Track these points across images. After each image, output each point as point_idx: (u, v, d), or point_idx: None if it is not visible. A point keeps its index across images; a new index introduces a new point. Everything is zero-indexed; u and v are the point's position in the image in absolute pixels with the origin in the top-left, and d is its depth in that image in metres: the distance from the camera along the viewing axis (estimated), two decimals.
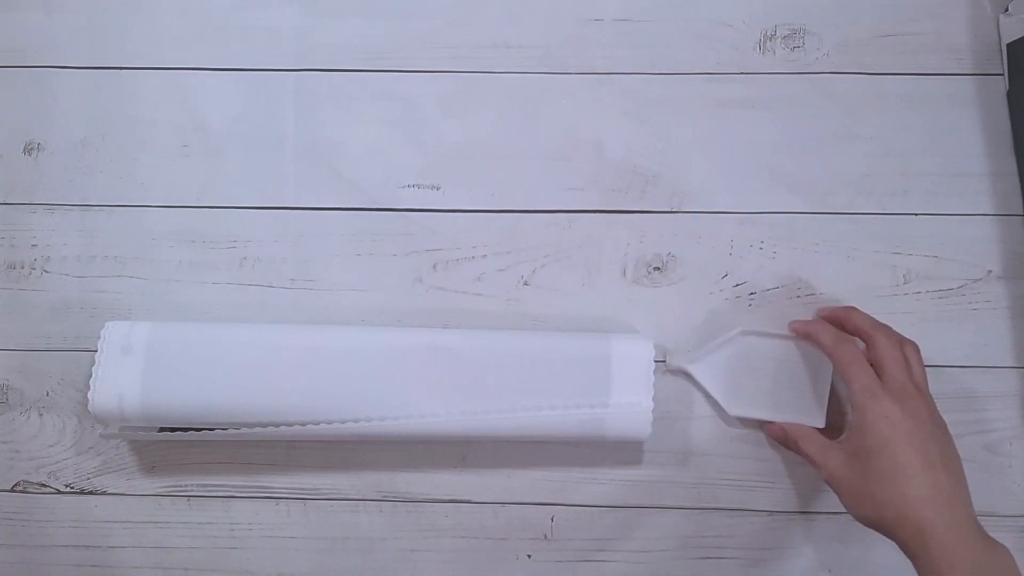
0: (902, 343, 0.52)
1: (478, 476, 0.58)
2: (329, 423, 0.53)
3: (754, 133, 0.60)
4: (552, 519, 0.57)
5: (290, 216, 0.60)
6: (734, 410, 0.55)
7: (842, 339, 0.52)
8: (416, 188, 0.60)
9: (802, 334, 0.55)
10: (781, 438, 0.55)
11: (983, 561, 0.44)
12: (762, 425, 0.56)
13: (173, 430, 0.55)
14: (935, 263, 0.59)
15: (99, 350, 0.54)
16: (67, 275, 0.60)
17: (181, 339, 0.54)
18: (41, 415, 0.58)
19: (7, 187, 0.61)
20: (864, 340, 0.53)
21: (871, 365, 0.51)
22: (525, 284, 0.59)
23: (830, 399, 0.56)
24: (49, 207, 0.60)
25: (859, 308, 0.54)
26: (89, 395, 0.53)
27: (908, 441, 0.47)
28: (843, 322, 0.54)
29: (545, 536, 0.57)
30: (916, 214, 0.59)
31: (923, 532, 0.45)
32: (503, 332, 0.57)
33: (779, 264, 0.59)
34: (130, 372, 0.53)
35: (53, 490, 0.58)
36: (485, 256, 0.60)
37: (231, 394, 0.53)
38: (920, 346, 0.55)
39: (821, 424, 0.55)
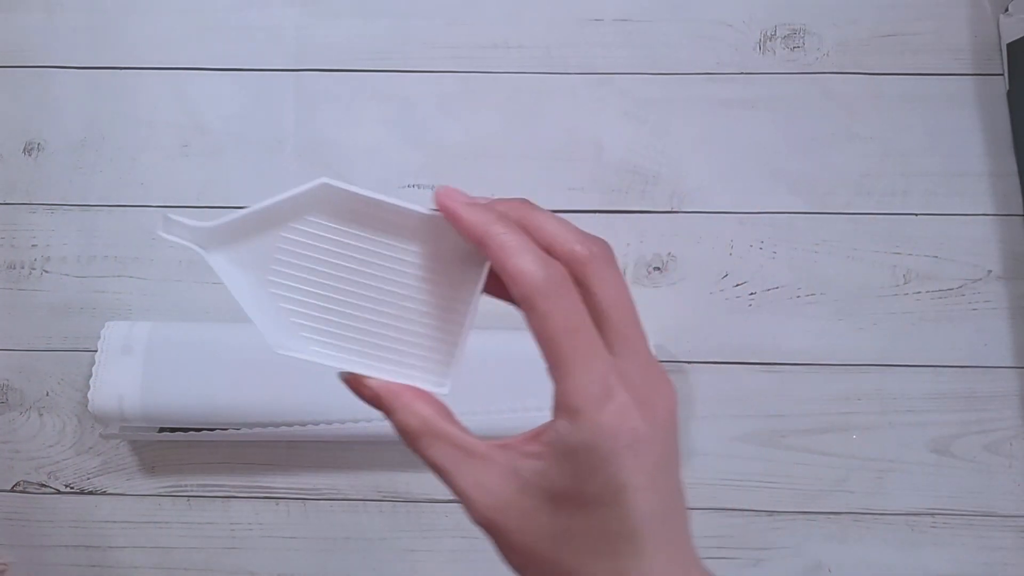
0: (603, 273, 0.28)
1: None
2: (329, 423, 0.53)
3: (754, 133, 0.60)
4: None
5: None
6: (284, 345, 0.30)
7: (560, 281, 0.27)
8: (416, 188, 0.60)
9: (474, 235, 0.27)
10: (378, 405, 0.31)
11: None
12: (346, 378, 0.32)
13: (173, 430, 0.55)
14: (935, 263, 0.59)
15: (99, 350, 0.54)
16: (67, 275, 0.60)
17: (181, 339, 0.54)
18: (41, 415, 0.58)
19: (7, 187, 0.60)
20: (572, 272, 0.28)
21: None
22: None
23: None
24: (49, 207, 0.60)
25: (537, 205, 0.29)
26: (89, 395, 0.53)
27: (653, 479, 0.26)
28: (529, 231, 0.28)
29: None
30: (916, 214, 0.59)
31: None
32: (501, 332, 0.57)
33: (779, 264, 0.59)
34: (130, 372, 0.53)
35: (53, 490, 0.58)
36: None
37: (231, 394, 0.53)
38: (920, 346, 0.55)
39: (445, 388, 0.32)
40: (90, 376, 0.53)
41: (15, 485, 0.58)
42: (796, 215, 0.59)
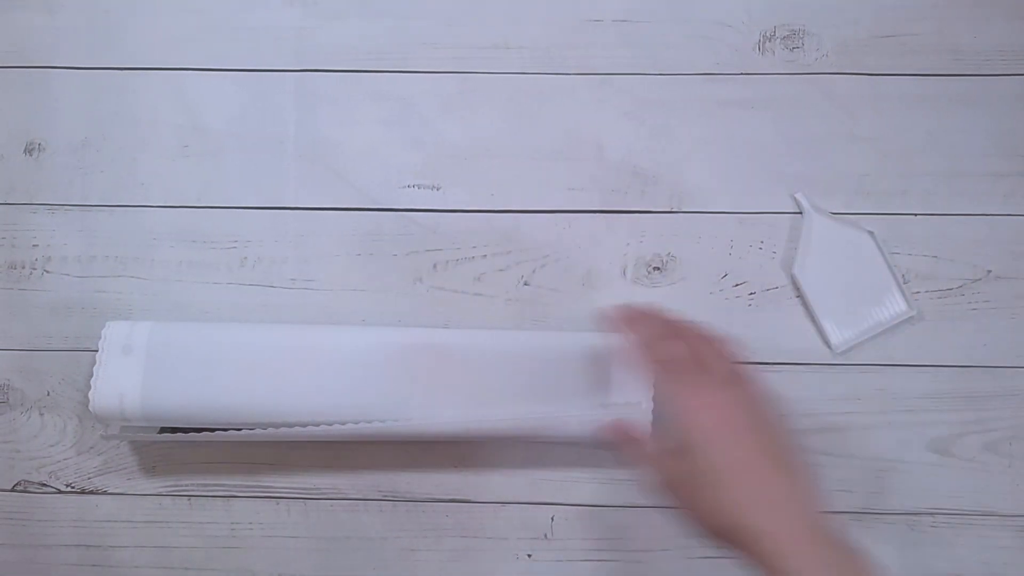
0: (719, 339, 0.47)
1: (478, 476, 0.58)
2: (329, 424, 0.53)
3: (754, 133, 0.60)
4: (552, 519, 0.57)
5: (290, 216, 0.60)
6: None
7: (666, 332, 0.46)
8: (416, 188, 0.60)
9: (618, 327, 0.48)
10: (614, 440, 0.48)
11: (831, 565, 0.38)
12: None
13: (174, 430, 0.55)
14: (934, 263, 0.59)
15: (100, 350, 0.54)
16: (68, 275, 0.60)
17: (181, 339, 0.54)
18: (42, 415, 0.58)
19: (8, 187, 0.61)
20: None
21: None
22: (525, 284, 0.59)
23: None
24: (50, 207, 0.60)
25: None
26: (90, 395, 0.53)
27: (732, 436, 0.41)
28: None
29: (545, 536, 0.57)
30: (915, 214, 0.59)
31: (759, 541, 0.38)
32: (503, 332, 0.57)
33: (779, 264, 0.59)
34: (130, 372, 0.53)
35: (54, 490, 0.58)
36: (485, 256, 0.60)
37: (231, 394, 0.53)
38: (919, 346, 0.55)
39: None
40: (91, 376, 0.53)
41: (16, 485, 0.58)
42: (796, 215, 0.59)
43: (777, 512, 0.39)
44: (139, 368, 0.53)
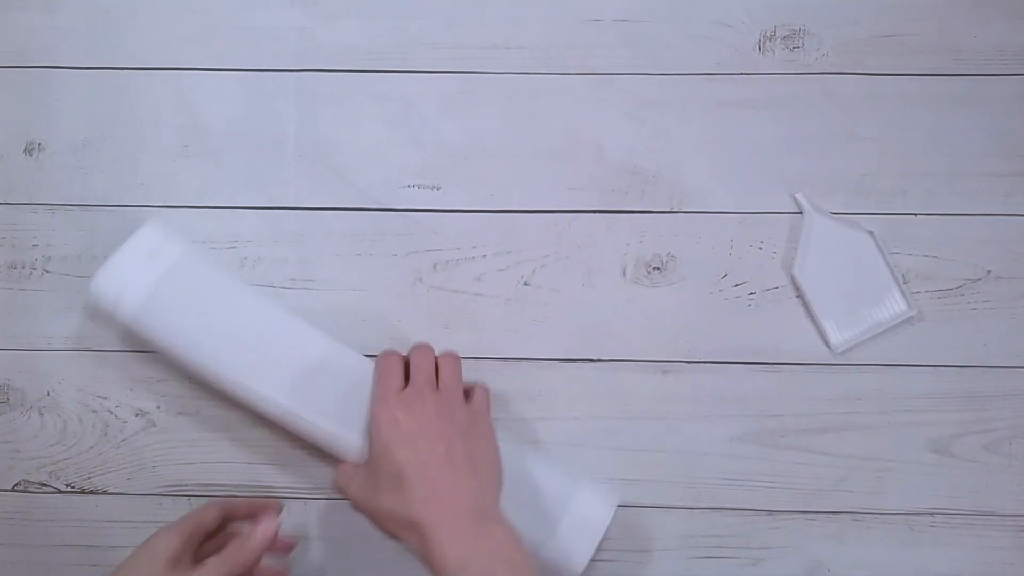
0: (443, 355, 0.52)
1: None
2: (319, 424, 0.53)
3: (754, 133, 0.60)
4: None
5: (290, 216, 0.60)
6: None
7: (386, 354, 0.52)
8: (416, 188, 0.60)
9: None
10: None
11: (470, 556, 0.43)
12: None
13: None
14: (934, 263, 0.59)
15: (128, 242, 0.54)
16: (68, 275, 0.60)
17: (204, 277, 0.54)
18: (42, 415, 0.58)
19: (8, 187, 0.61)
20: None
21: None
22: (525, 284, 0.59)
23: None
24: (50, 207, 0.60)
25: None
26: (97, 272, 0.53)
27: (408, 442, 0.46)
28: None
29: None
30: (915, 214, 0.59)
31: (421, 534, 0.44)
32: None
33: (779, 264, 0.59)
34: (143, 277, 0.53)
35: (54, 490, 0.58)
36: (485, 256, 0.60)
37: (223, 353, 0.52)
38: (919, 346, 0.55)
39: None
40: (101, 269, 0.53)
41: (16, 484, 0.58)
42: (796, 215, 0.60)
43: (442, 506, 0.44)
44: (152, 279, 0.53)
